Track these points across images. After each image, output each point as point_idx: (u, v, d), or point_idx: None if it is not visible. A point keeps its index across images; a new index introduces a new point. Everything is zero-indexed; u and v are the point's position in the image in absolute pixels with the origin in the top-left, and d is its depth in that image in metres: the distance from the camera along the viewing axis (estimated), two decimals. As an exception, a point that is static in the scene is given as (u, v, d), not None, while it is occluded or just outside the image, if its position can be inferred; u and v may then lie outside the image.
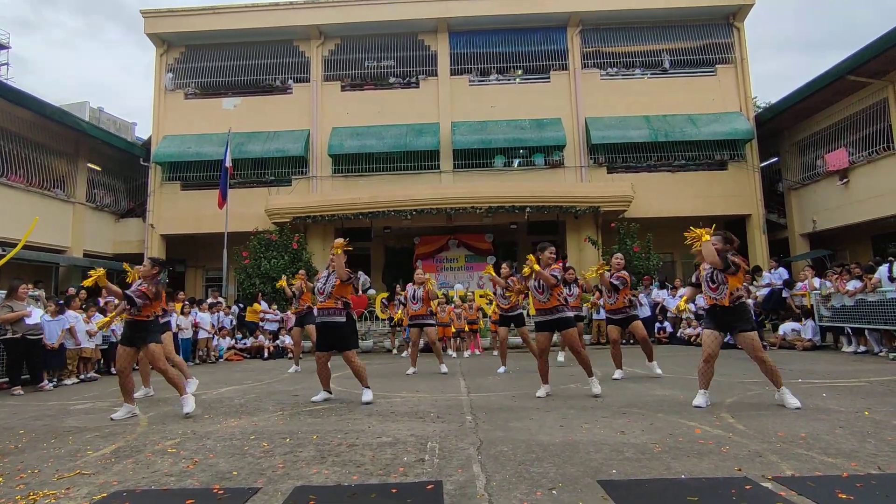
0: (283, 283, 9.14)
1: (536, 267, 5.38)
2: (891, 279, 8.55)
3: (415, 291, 7.99)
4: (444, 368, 7.85)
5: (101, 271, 4.91)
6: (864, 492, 2.55)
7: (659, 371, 6.66)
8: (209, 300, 13.82)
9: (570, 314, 5.55)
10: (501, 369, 7.67)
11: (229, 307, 13.10)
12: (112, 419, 4.82)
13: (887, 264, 8.78)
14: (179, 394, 5.07)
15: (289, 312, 11.29)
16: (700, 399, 4.67)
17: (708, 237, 4.67)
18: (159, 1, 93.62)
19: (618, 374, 6.68)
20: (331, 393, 5.66)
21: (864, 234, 14.06)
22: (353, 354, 5.44)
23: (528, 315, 11.96)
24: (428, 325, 8.02)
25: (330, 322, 5.39)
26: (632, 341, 9.36)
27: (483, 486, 2.78)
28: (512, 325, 7.77)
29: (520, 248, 15.46)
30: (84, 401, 6.32)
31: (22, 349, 7.33)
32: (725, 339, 4.97)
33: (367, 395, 5.41)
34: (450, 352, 11.10)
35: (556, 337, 6.01)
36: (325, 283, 5.44)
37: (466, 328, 11.28)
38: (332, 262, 5.47)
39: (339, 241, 5.33)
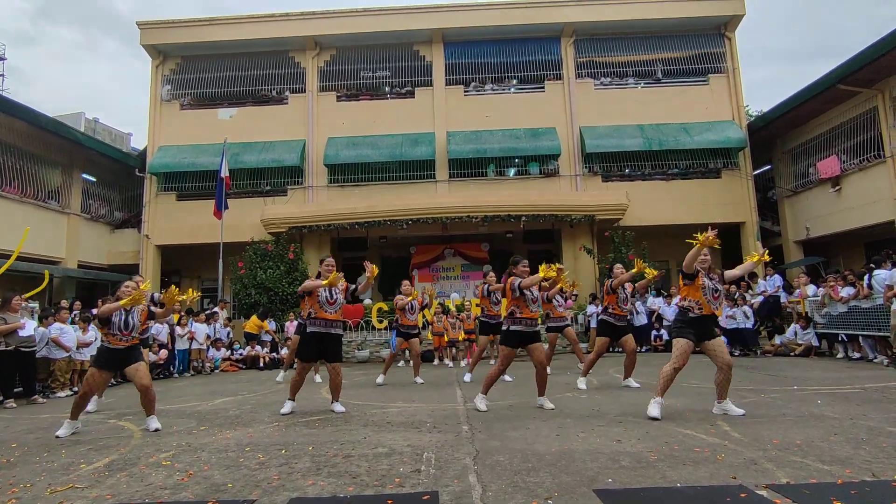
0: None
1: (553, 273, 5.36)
2: (869, 287, 8.63)
3: (410, 303, 8.00)
4: (419, 380, 7.85)
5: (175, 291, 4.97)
6: (858, 498, 2.56)
7: (636, 385, 6.59)
8: (215, 309, 13.78)
9: (539, 328, 5.48)
10: (467, 377, 7.73)
11: (229, 319, 13.07)
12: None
13: (867, 273, 8.86)
14: (148, 413, 4.96)
15: (294, 321, 11.20)
16: (655, 409, 4.62)
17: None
18: (156, 12, 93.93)
19: (581, 382, 6.73)
20: (295, 402, 5.64)
21: (857, 241, 14.16)
22: (340, 368, 5.58)
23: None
24: (415, 334, 8.05)
25: (333, 334, 5.46)
26: (618, 350, 9.33)
27: (479, 497, 2.78)
28: (492, 334, 7.81)
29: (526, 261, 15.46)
30: (77, 413, 6.25)
31: (15, 361, 7.27)
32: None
33: (339, 407, 5.52)
34: (446, 361, 11.09)
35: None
36: (335, 296, 5.46)
37: (461, 338, 11.25)
38: (329, 269, 5.52)
39: (373, 268, 5.55)
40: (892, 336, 7.87)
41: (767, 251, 5.04)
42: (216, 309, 12.96)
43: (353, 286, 5.70)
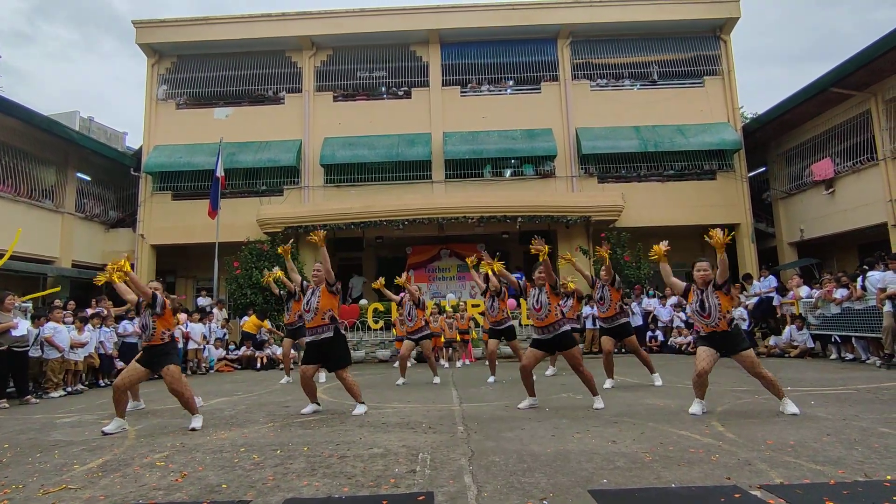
0: (270, 278, 8.55)
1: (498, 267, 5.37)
2: (863, 288, 8.69)
3: (410, 309, 7.99)
4: (436, 380, 7.86)
5: (122, 263, 4.98)
6: (850, 499, 2.57)
7: (659, 382, 6.67)
8: (200, 301, 13.80)
9: (569, 328, 5.42)
10: (491, 379, 7.68)
11: (227, 319, 13.03)
12: (104, 433, 4.74)
13: (861, 275, 8.92)
14: (192, 413, 5.00)
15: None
16: (696, 407, 4.75)
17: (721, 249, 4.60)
18: (153, 11, 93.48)
19: (608, 383, 6.71)
20: (319, 404, 5.62)
21: (850, 243, 14.25)
22: (346, 372, 5.42)
23: (520, 325, 12.01)
24: (424, 337, 8.04)
25: (319, 340, 5.35)
26: (623, 350, 9.35)
27: (474, 497, 2.78)
28: (502, 337, 7.78)
29: (511, 258, 15.51)
30: (71, 414, 6.23)
31: (7, 361, 7.23)
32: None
33: (360, 409, 5.41)
34: (441, 362, 11.08)
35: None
36: (309, 301, 5.41)
37: (458, 338, 11.25)
38: (316, 275, 5.51)
39: (321, 233, 5.49)
40: (884, 337, 7.93)
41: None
42: (210, 304, 12.92)
43: (332, 282, 5.55)
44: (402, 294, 8.38)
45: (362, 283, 15.38)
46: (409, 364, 8.36)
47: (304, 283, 5.71)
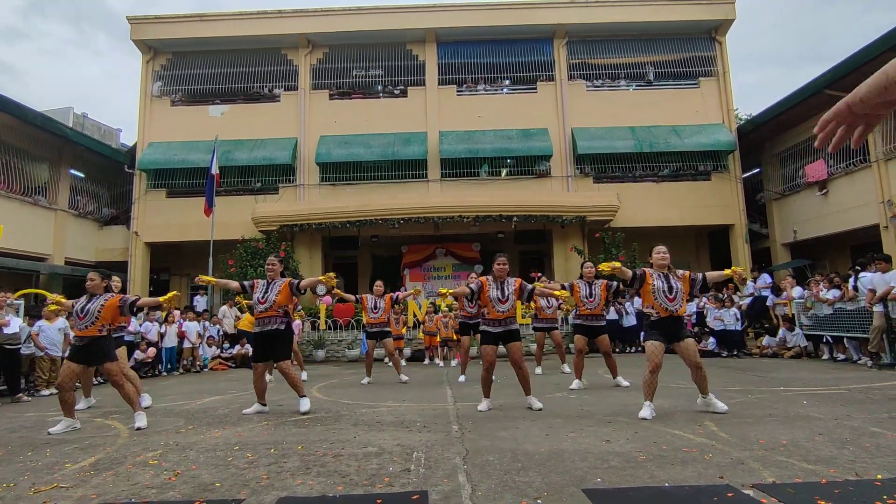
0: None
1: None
2: (854, 289, 8.76)
3: (375, 302, 7.95)
4: (403, 378, 7.86)
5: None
6: (842, 498, 2.59)
7: (626, 383, 6.65)
8: (196, 298, 13.77)
9: (517, 327, 5.43)
10: (462, 378, 7.69)
11: (223, 316, 13.03)
12: (49, 433, 4.70)
13: (853, 276, 9.00)
14: (133, 410, 4.99)
15: (297, 321, 11.20)
16: (646, 411, 4.63)
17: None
18: (148, 8, 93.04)
19: (576, 384, 6.66)
20: (265, 405, 5.60)
21: (843, 244, 14.35)
22: (289, 365, 5.52)
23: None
24: (385, 334, 8.02)
25: (269, 331, 5.42)
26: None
27: (468, 496, 2.78)
28: (473, 332, 7.78)
29: (506, 258, 15.52)
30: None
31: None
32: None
33: (305, 404, 5.44)
34: (437, 361, 11.08)
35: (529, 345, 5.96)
36: (266, 294, 5.45)
37: (455, 337, 11.24)
38: (270, 272, 5.58)
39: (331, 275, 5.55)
40: (871, 336, 8.00)
41: (743, 272, 5.13)
42: (224, 308, 12.88)
43: (297, 280, 5.66)
44: (360, 295, 8.30)
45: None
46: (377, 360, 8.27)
47: (246, 282, 5.74)
